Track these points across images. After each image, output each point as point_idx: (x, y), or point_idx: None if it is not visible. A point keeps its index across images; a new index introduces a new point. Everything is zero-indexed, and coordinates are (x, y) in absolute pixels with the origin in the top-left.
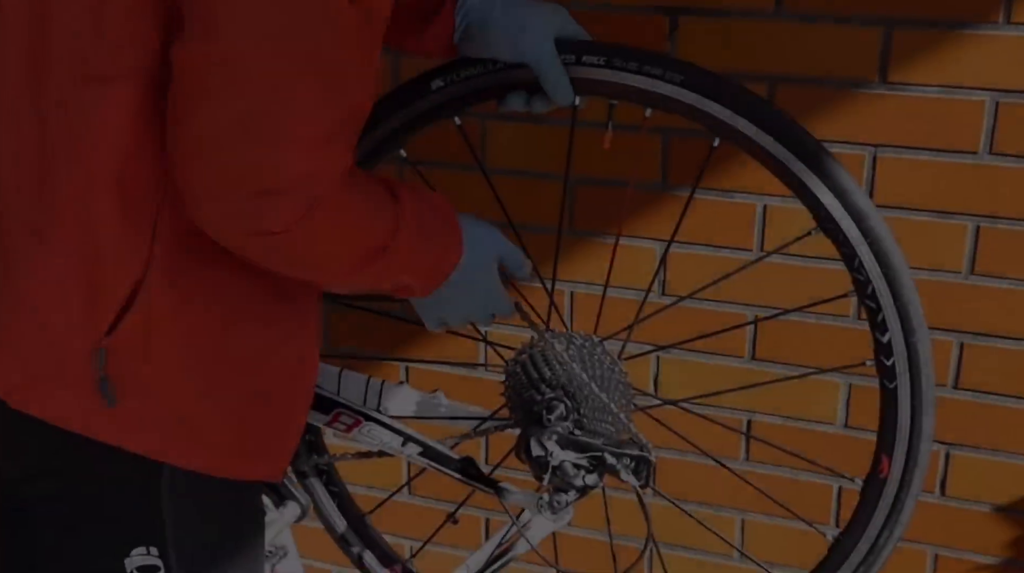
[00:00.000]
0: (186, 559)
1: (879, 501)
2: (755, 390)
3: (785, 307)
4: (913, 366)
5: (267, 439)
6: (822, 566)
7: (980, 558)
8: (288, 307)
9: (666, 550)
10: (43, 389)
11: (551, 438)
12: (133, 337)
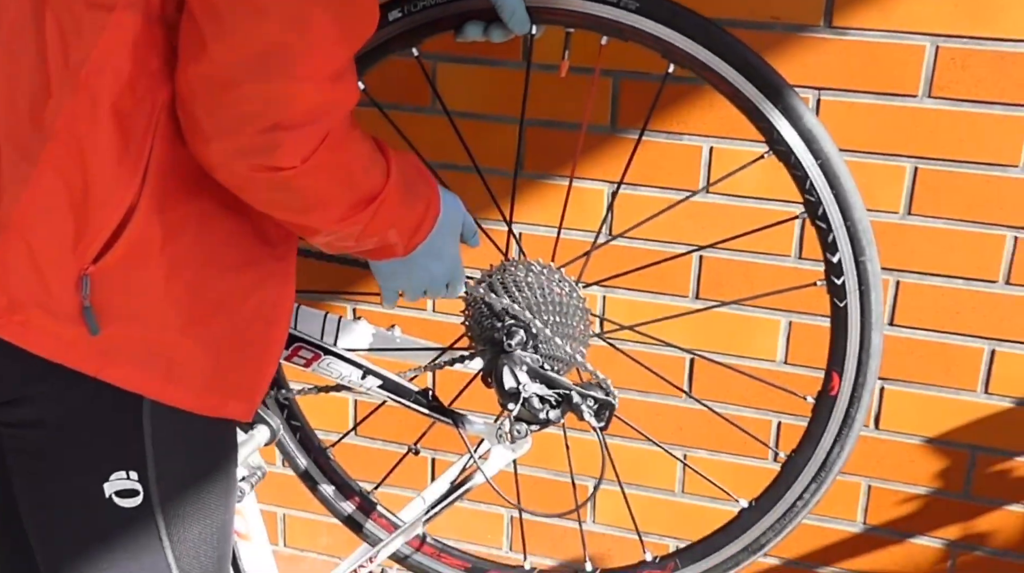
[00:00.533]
0: (165, 484)
1: (830, 417)
2: (697, 329)
3: (729, 247)
4: (863, 284)
5: (240, 379)
6: (775, 484)
7: (911, 489)
8: (269, 251)
9: (609, 486)
10: (25, 315)
11: (523, 369)
12: (118, 267)
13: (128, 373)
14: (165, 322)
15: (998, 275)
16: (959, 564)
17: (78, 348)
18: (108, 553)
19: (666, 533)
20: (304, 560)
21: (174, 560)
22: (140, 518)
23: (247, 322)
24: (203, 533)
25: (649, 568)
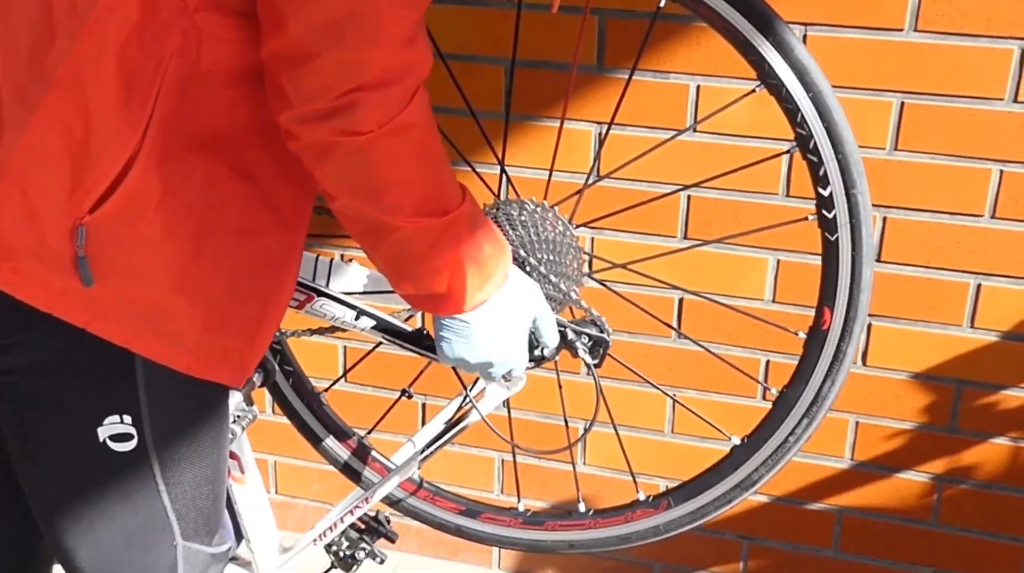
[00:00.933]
0: (159, 428)
1: (821, 352)
2: (686, 269)
3: (716, 186)
4: (854, 217)
5: (232, 345)
6: (767, 420)
7: (898, 424)
8: (276, 220)
9: (599, 428)
10: (16, 263)
11: None
12: (115, 219)
13: (116, 328)
14: (157, 279)
15: (984, 209)
16: (945, 497)
17: (68, 299)
18: (103, 497)
19: (656, 473)
20: (295, 506)
21: (169, 502)
22: (135, 462)
23: (244, 290)
24: (198, 476)
25: (643, 507)
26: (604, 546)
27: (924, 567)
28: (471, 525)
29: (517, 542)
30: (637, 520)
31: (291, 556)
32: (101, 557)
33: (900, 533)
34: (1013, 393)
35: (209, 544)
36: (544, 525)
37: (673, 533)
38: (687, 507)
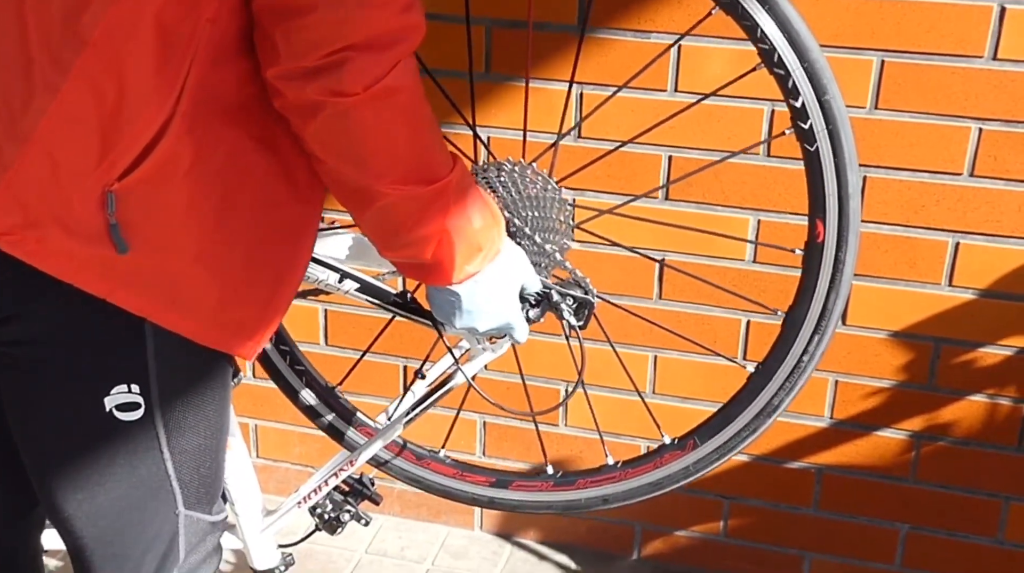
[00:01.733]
0: (166, 397)
1: (820, 265)
2: (667, 231)
3: (698, 146)
4: (830, 123)
5: (246, 318)
6: (779, 342)
7: (877, 382)
8: (294, 194)
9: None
10: (42, 232)
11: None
12: (143, 187)
13: (135, 297)
14: (180, 248)
15: (963, 167)
16: (923, 454)
17: (90, 269)
18: (108, 466)
19: (637, 434)
20: (277, 470)
21: (174, 471)
22: (141, 431)
23: (261, 262)
24: (201, 445)
25: (670, 450)
26: (639, 495)
27: (902, 524)
28: (504, 495)
29: (552, 505)
30: (667, 464)
31: (275, 518)
32: (102, 526)
33: (879, 490)
34: (990, 350)
35: (209, 512)
36: (575, 484)
37: (704, 471)
38: (714, 443)
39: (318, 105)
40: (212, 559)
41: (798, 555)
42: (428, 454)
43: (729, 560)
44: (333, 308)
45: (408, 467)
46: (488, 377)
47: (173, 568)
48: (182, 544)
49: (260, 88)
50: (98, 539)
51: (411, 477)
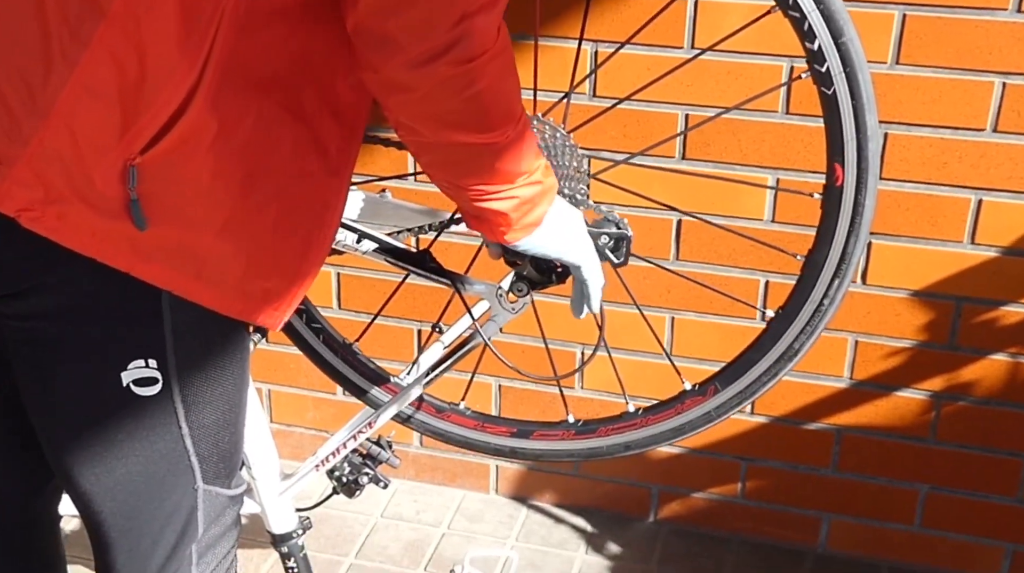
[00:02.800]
0: (184, 371)
1: (840, 209)
2: (684, 190)
3: (716, 104)
4: (847, 66)
5: (273, 288)
6: (800, 285)
7: (897, 342)
8: (324, 164)
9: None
10: (62, 208)
11: None
12: (167, 160)
13: (159, 270)
14: (204, 221)
15: (986, 123)
16: (943, 414)
17: (112, 243)
18: (127, 441)
19: (653, 395)
20: (292, 434)
21: (192, 446)
22: (158, 406)
23: (288, 233)
24: (220, 419)
25: (691, 397)
26: (660, 441)
27: (922, 484)
28: (525, 445)
29: (574, 453)
30: (688, 410)
31: (293, 482)
32: (121, 501)
33: (898, 451)
34: (1012, 309)
35: (228, 486)
36: (597, 432)
37: (725, 416)
38: (735, 388)
39: (448, 82)
40: (231, 533)
41: (816, 516)
42: (448, 407)
43: (747, 522)
44: (346, 271)
45: (429, 420)
46: (504, 340)
47: (192, 543)
48: (201, 519)
49: (289, 54)
50: (116, 514)
51: (433, 430)
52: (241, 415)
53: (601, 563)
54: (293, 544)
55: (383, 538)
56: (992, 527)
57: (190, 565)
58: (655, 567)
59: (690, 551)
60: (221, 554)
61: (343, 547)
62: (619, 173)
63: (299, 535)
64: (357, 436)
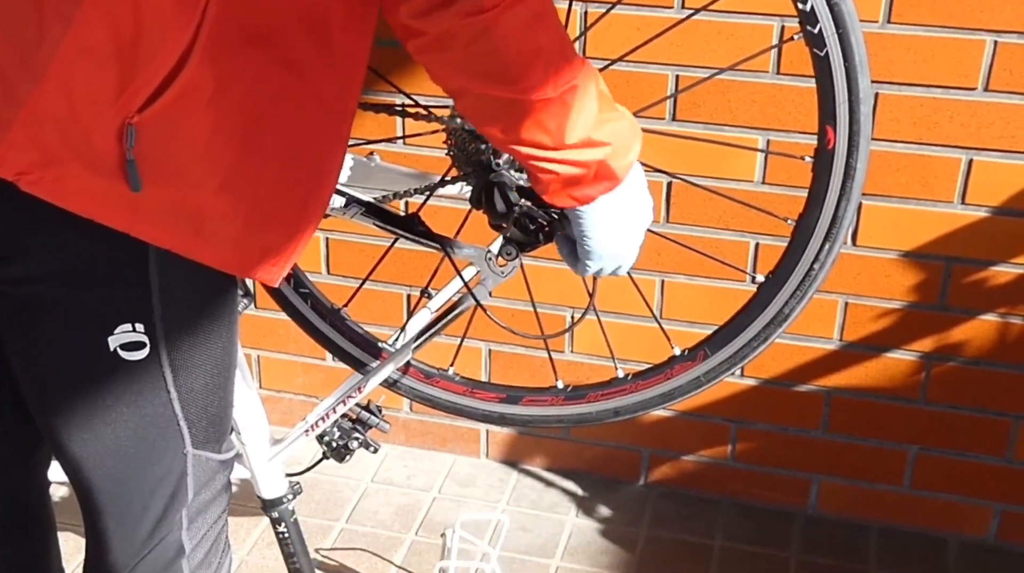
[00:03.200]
0: (171, 336)
1: (831, 172)
2: (674, 152)
3: (707, 65)
4: (840, 27)
5: (273, 243)
6: (790, 249)
7: (887, 303)
8: (323, 116)
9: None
10: (60, 170)
11: (511, 189)
12: (165, 118)
13: (158, 230)
14: (203, 178)
15: (977, 82)
16: (933, 375)
17: (111, 204)
18: (113, 407)
19: (643, 358)
20: (281, 401)
21: (180, 410)
22: (146, 370)
23: (289, 186)
24: (209, 383)
25: (680, 362)
26: (649, 407)
27: (911, 445)
28: (515, 411)
29: (563, 419)
30: (677, 375)
31: (282, 447)
32: (109, 467)
33: (888, 412)
34: (1003, 269)
35: (218, 451)
36: (586, 397)
37: (715, 381)
38: (724, 353)
39: (459, 30)
40: (222, 498)
41: (806, 478)
42: (437, 372)
43: (737, 484)
44: (335, 236)
45: (418, 385)
46: (493, 303)
47: (182, 507)
48: (191, 483)
49: (284, 10)
50: (105, 479)
51: (421, 396)
52: (230, 379)
53: (592, 526)
54: (283, 509)
55: (374, 503)
56: (981, 487)
57: (180, 530)
58: (646, 530)
59: (680, 513)
60: (212, 519)
61: (334, 512)
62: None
63: (289, 500)
64: (346, 401)
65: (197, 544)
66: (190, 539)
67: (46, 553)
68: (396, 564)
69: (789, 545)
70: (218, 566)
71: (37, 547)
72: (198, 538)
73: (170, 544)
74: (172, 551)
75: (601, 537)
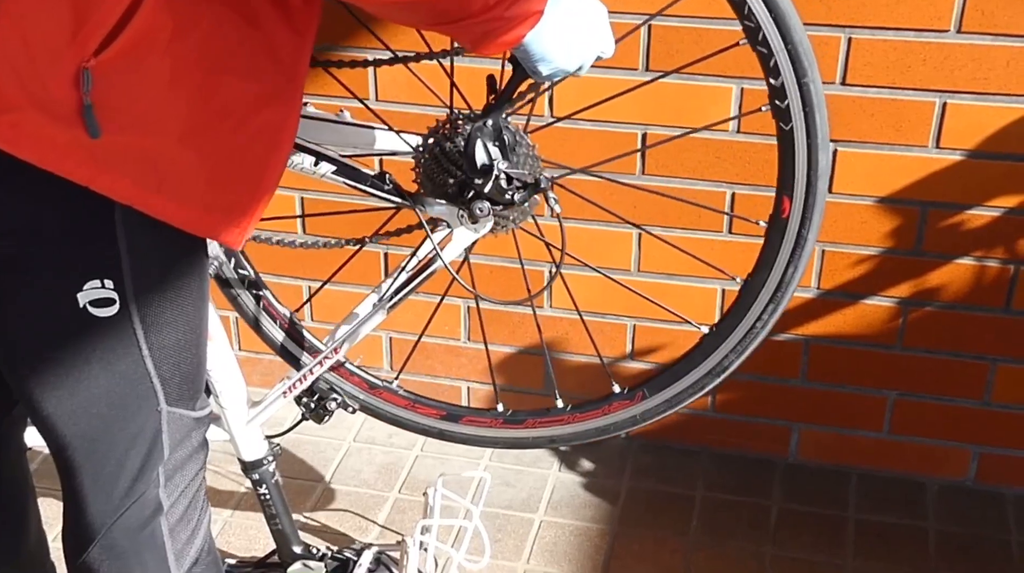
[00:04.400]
0: (141, 292)
1: (783, 239)
2: (648, 102)
3: (681, 13)
4: (807, 106)
5: (234, 201)
6: (735, 307)
7: (863, 250)
8: (278, 68)
9: (567, 270)
10: (17, 116)
11: (495, 143)
12: (122, 62)
13: (120, 183)
14: (164, 128)
15: (949, 24)
16: (911, 320)
17: (72, 154)
18: (85, 364)
19: (624, 313)
20: (260, 362)
21: (153, 367)
22: (117, 327)
23: (248, 140)
24: (181, 339)
25: (619, 399)
26: (585, 438)
27: (890, 391)
28: (453, 428)
29: (499, 441)
30: (615, 412)
31: (261, 410)
32: (83, 425)
33: (866, 358)
34: (978, 212)
35: (192, 408)
36: (524, 423)
37: (651, 421)
38: (662, 396)
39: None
40: (198, 455)
41: (786, 426)
42: (382, 385)
43: (717, 434)
44: (310, 195)
45: (361, 395)
46: (471, 259)
47: (158, 465)
48: (166, 441)
49: None
50: (79, 437)
51: (364, 404)
52: (203, 336)
53: (574, 480)
54: (264, 471)
55: (356, 462)
56: (959, 430)
57: (157, 487)
58: (628, 482)
59: (661, 465)
60: (189, 476)
61: (317, 472)
62: (583, 86)
63: (270, 461)
64: (323, 362)
65: (175, 501)
66: (168, 496)
67: (24, 515)
68: (379, 524)
69: (770, 493)
70: (197, 523)
71: (15, 508)
72: (176, 495)
73: (148, 501)
74: (150, 508)
75: (584, 490)
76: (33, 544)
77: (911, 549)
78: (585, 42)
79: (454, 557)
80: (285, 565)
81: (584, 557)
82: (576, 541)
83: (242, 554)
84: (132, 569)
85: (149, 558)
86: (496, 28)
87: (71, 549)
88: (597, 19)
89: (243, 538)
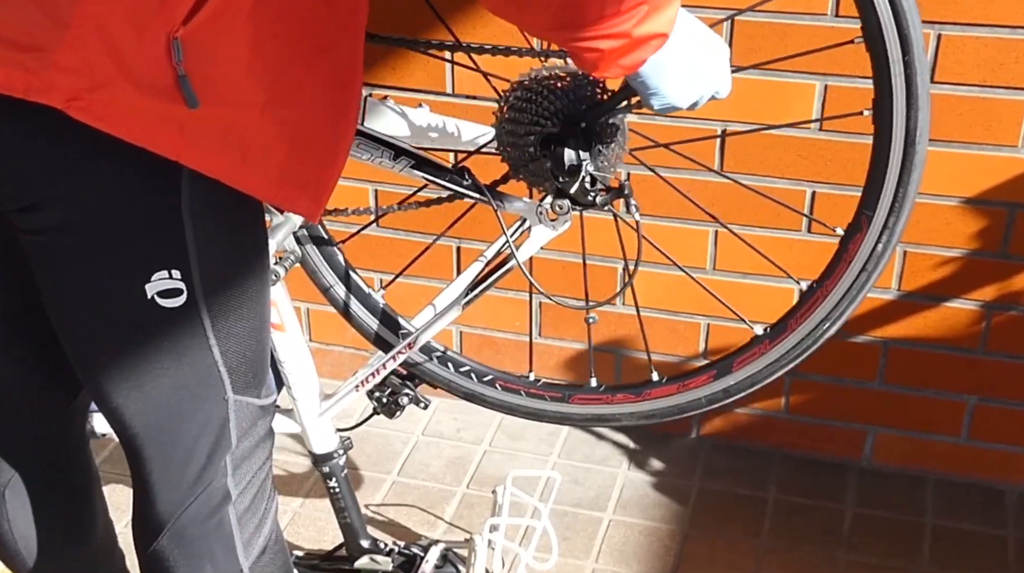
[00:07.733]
0: (208, 281)
1: (854, 259)
2: (730, 97)
3: (764, 8)
4: (910, 120)
5: (310, 173)
6: (799, 305)
7: (947, 252)
8: (343, 37)
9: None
10: (111, 91)
11: (584, 148)
12: (208, 31)
13: (206, 156)
14: (248, 99)
15: None
16: (994, 324)
17: (161, 128)
18: (154, 355)
19: (697, 311)
20: (331, 353)
21: (220, 356)
22: (185, 317)
23: (321, 110)
24: (246, 327)
25: (760, 342)
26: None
27: (970, 396)
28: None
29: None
30: (701, 385)
31: (333, 402)
32: (152, 416)
33: (946, 362)
34: None
35: (258, 396)
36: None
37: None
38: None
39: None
40: (264, 444)
41: (861, 430)
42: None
43: (790, 436)
44: (384, 188)
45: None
46: (545, 256)
47: (226, 454)
48: (233, 430)
49: None
50: (148, 427)
51: (441, 380)
52: (266, 322)
53: (643, 479)
54: (334, 464)
55: (424, 456)
56: None
57: (225, 477)
58: (698, 482)
59: (733, 466)
60: (256, 465)
61: (385, 465)
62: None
63: (340, 455)
64: (397, 357)
65: (243, 490)
66: (235, 485)
67: (89, 502)
68: (446, 520)
69: (844, 497)
70: (264, 512)
71: (79, 495)
72: (243, 484)
73: (216, 490)
74: (218, 497)
75: (654, 490)
76: (100, 531)
77: (989, 557)
78: (704, 81)
79: (522, 556)
80: (352, 559)
81: (654, 557)
82: (645, 541)
83: (310, 545)
84: (201, 557)
85: (218, 547)
86: (619, 48)
87: (141, 537)
88: (719, 57)
89: (312, 529)
